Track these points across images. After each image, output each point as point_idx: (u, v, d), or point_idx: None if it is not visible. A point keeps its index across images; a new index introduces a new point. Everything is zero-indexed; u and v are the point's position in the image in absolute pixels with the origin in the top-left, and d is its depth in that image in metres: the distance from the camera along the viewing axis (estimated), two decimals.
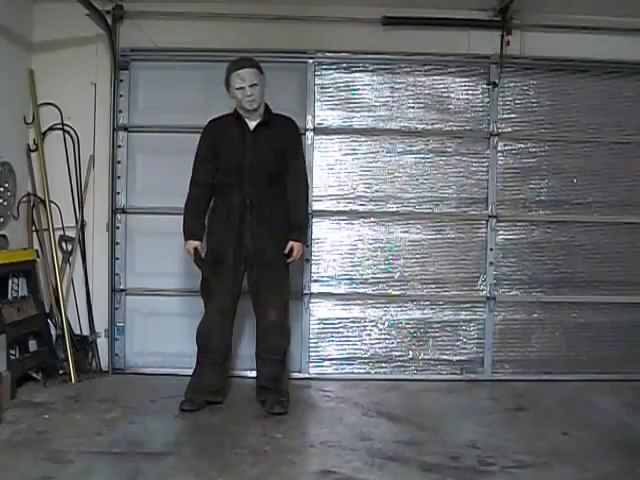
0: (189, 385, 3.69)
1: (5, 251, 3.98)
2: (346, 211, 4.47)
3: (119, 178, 4.41)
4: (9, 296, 4.02)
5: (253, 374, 3.92)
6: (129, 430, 3.28)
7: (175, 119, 4.37)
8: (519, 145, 4.51)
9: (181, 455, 2.97)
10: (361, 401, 3.89)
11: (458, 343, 4.50)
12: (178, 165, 4.32)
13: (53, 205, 4.36)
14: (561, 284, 4.53)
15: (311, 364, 4.43)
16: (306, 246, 3.86)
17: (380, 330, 4.49)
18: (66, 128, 4.40)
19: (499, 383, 4.36)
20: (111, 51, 4.33)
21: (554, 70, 4.50)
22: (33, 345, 4.18)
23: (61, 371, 4.14)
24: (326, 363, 4.46)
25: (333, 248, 4.47)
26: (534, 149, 4.52)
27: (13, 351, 3.92)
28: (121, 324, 4.43)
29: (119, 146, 4.41)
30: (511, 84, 4.50)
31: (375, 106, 4.48)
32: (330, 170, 4.46)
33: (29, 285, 4.17)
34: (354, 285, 4.49)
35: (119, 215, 4.42)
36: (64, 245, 4.41)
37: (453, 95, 4.51)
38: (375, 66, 4.48)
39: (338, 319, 4.49)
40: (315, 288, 4.45)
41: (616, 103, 4.53)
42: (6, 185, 4.09)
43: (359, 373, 4.46)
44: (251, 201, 3.56)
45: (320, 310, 4.48)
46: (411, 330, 4.50)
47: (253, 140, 3.58)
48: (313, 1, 4.35)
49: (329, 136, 4.45)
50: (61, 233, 4.40)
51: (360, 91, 4.49)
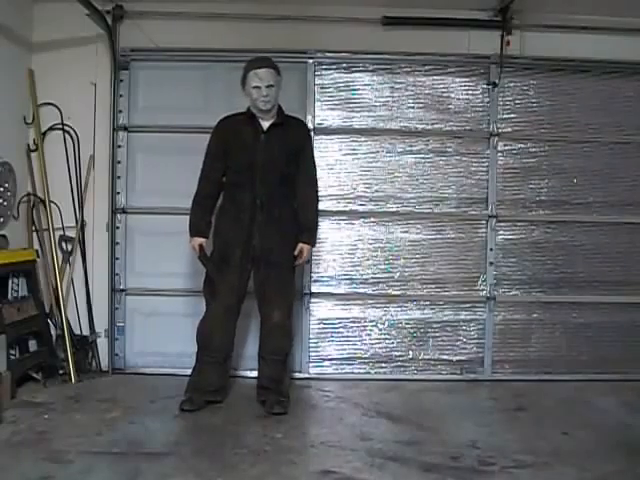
0: (189, 384, 3.68)
1: (5, 251, 3.98)
2: (346, 211, 4.47)
3: (119, 178, 4.41)
4: (9, 296, 4.02)
5: (253, 374, 3.93)
6: (129, 430, 3.28)
7: (175, 119, 4.37)
8: (519, 145, 4.51)
9: (181, 455, 2.97)
10: (361, 401, 3.88)
11: (458, 343, 4.50)
12: (178, 165, 4.35)
13: (53, 205, 4.36)
14: (561, 284, 4.53)
15: (311, 364, 4.43)
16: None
17: (380, 330, 4.49)
18: (66, 128, 4.40)
19: (499, 383, 4.36)
20: (111, 51, 4.33)
21: (554, 70, 4.50)
22: (33, 345, 4.18)
23: (61, 371, 4.13)
24: (326, 363, 4.46)
25: (333, 248, 4.47)
26: (534, 149, 4.52)
27: (13, 351, 3.92)
28: (121, 324, 4.43)
29: (119, 146, 4.41)
30: (511, 84, 4.50)
31: (375, 106, 4.48)
32: (330, 170, 4.46)
33: (29, 285, 4.17)
34: (354, 285, 4.49)
35: (119, 215, 4.42)
36: (64, 245, 4.41)
37: (453, 95, 4.51)
38: (375, 66, 4.48)
39: (338, 319, 4.49)
40: (315, 288, 4.46)
41: (616, 103, 4.53)
42: (6, 185, 4.09)
43: (359, 373, 4.46)
44: (261, 201, 3.54)
45: (320, 310, 4.48)
46: (411, 330, 4.50)
47: (266, 140, 3.57)
48: (313, 1, 4.35)
49: (329, 136, 4.45)
50: (61, 233, 4.40)
51: (360, 91, 4.49)
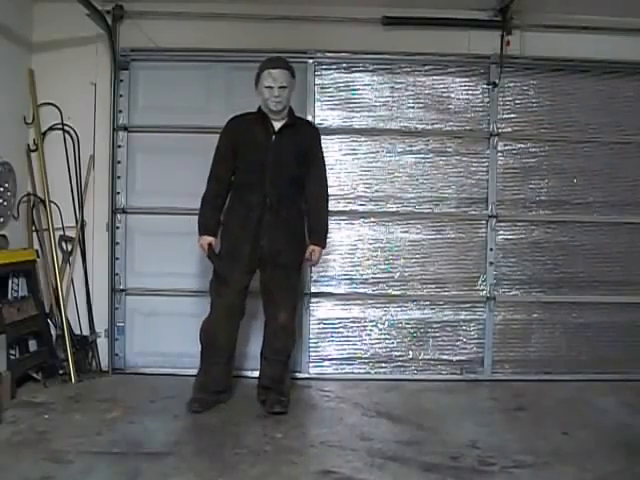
0: (196, 385, 3.66)
1: (5, 251, 3.98)
2: (346, 211, 4.47)
3: (119, 178, 4.41)
4: (9, 296, 4.01)
5: (253, 374, 3.93)
6: (129, 430, 3.28)
7: (175, 119, 4.37)
8: (519, 145, 4.51)
9: (181, 455, 2.97)
10: (361, 401, 3.88)
11: (458, 343, 4.50)
12: (178, 165, 4.36)
13: (53, 205, 4.36)
14: (561, 284, 4.53)
15: (311, 364, 4.43)
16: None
17: (380, 330, 4.49)
18: (66, 128, 4.39)
19: (499, 383, 4.36)
20: (111, 51, 4.33)
21: (554, 70, 4.50)
22: (33, 345, 4.18)
23: (61, 371, 4.13)
24: (326, 363, 4.46)
25: (333, 248, 4.46)
26: (534, 149, 4.52)
27: (13, 351, 3.92)
28: (121, 324, 4.43)
29: (119, 146, 4.41)
30: (511, 84, 4.50)
31: (375, 106, 4.48)
32: (330, 170, 4.39)
33: (29, 285, 4.16)
34: (354, 285, 4.49)
35: (119, 215, 4.42)
36: (64, 245, 4.41)
37: (453, 95, 4.50)
38: (375, 66, 4.48)
39: (338, 319, 4.49)
40: (315, 288, 4.46)
41: (616, 103, 4.53)
42: (6, 185, 4.09)
43: (359, 373, 4.45)
44: (271, 201, 3.52)
45: (320, 310, 4.48)
46: (411, 330, 4.50)
47: (278, 141, 3.56)
48: (313, 1, 4.35)
49: (329, 136, 4.44)
50: (61, 233, 4.39)
51: (360, 91, 4.49)
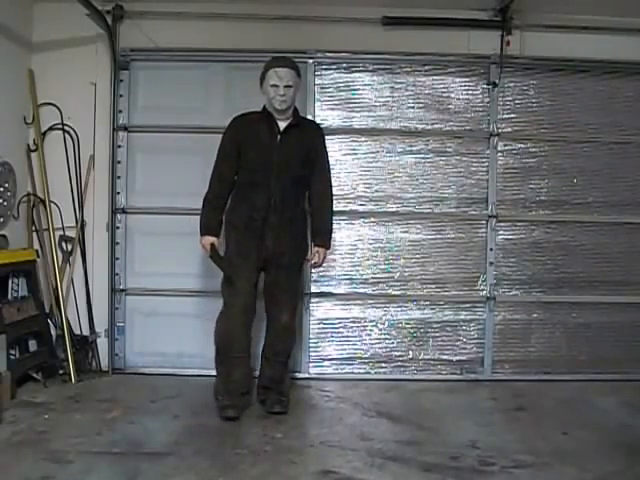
0: (220, 390, 3.57)
1: (5, 251, 3.98)
2: (346, 211, 4.46)
3: (119, 178, 4.41)
4: (9, 296, 4.02)
5: (254, 374, 3.93)
6: (129, 430, 3.28)
7: (175, 119, 4.37)
8: (519, 145, 4.51)
9: (181, 455, 2.97)
10: (361, 401, 3.89)
11: (458, 343, 4.50)
12: (178, 165, 4.36)
13: (53, 205, 4.36)
14: (561, 284, 4.53)
15: (311, 364, 4.43)
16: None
17: (380, 330, 4.49)
18: (66, 128, 4.39)
19: (499, 383, 4.36)
20: (111, 51, 4.32)
21: (554, 70, 4.50)
22: (33, 345, 4.18)
23: (61, 371, 4.13)
24: (326, 363, 4.46)
25: (333, 248, 4.43)
26: (534, 149, 4.52)
27: (13, 351, 3.92)
28: (121, 324, 4.42)
29: (119, 146, 4.40)
30: (511, 84, 4.50)
31: (375, 106, 4.48)
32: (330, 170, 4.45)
33: (29, 285, 4.16)
34: (354, 285, 4.49)
35: (119, 215, 4.42)
36: (64, 245, 4.41)
37: (453, 95, 4.50)
38: (375, 66, 4.48)
39: (338, 319, 4.49)
40: (315, 288, 4.46)
41: (616, 103, 4.53)
42: (6, 185, 4.09)
43: (359, 373, 4.45)
44: (275, 201, 3.49)
45: (320, 310, 4.48)
46: (411, 330, 4.50)
47: (283, 141, 3.53)
48: (313, 1, 4.35)
49: (329, 136, 4.39)
50: (61, 233, 4.39)
51: (360, 91, 4.48)
